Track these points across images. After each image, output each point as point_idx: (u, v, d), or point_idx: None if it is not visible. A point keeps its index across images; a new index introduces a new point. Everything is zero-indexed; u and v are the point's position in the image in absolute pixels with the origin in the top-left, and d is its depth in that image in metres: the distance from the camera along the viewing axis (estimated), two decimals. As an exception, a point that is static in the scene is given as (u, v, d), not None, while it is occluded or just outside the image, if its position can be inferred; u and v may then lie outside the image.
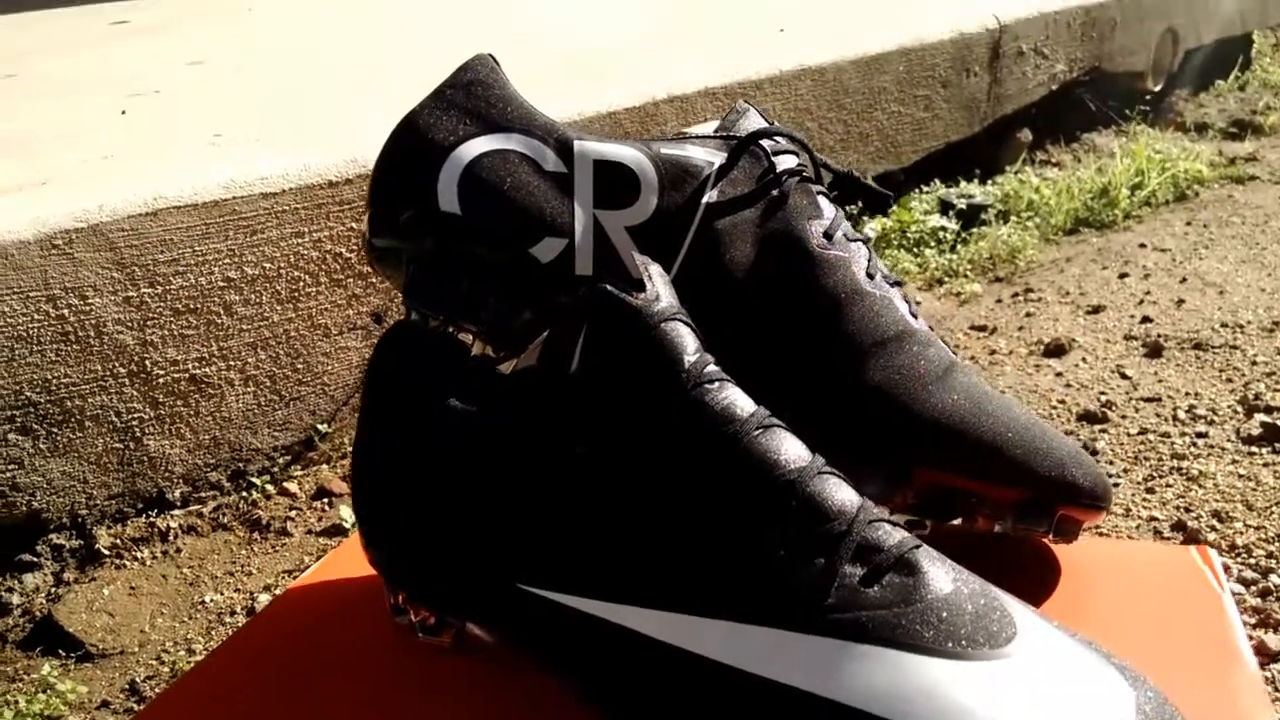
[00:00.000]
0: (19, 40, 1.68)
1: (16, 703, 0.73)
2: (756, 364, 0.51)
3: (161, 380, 0.89)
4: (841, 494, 0.40)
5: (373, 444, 0.50)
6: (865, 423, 0.50)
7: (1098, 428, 0.98)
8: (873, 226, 1.46)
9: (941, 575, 0.38)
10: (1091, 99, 1.88)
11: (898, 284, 0.54)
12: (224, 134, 1.06)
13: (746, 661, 0.37)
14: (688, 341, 0.43)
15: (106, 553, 0.87)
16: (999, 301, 1.29)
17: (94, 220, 0.84)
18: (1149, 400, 1.02)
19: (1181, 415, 0.99)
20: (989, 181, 1.65)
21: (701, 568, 0.39)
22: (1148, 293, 1.27)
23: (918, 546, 0.38)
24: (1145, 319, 1.20)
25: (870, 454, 0.50)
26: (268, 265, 0.93)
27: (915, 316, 0.53)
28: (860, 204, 1.46)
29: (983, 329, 1.21)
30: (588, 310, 0.44)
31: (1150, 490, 0.88)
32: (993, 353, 1.15)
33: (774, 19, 1.62)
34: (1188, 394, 1.02)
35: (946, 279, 1.36)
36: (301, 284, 0.95)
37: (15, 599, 0.83)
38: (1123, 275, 1.34)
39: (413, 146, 0.48)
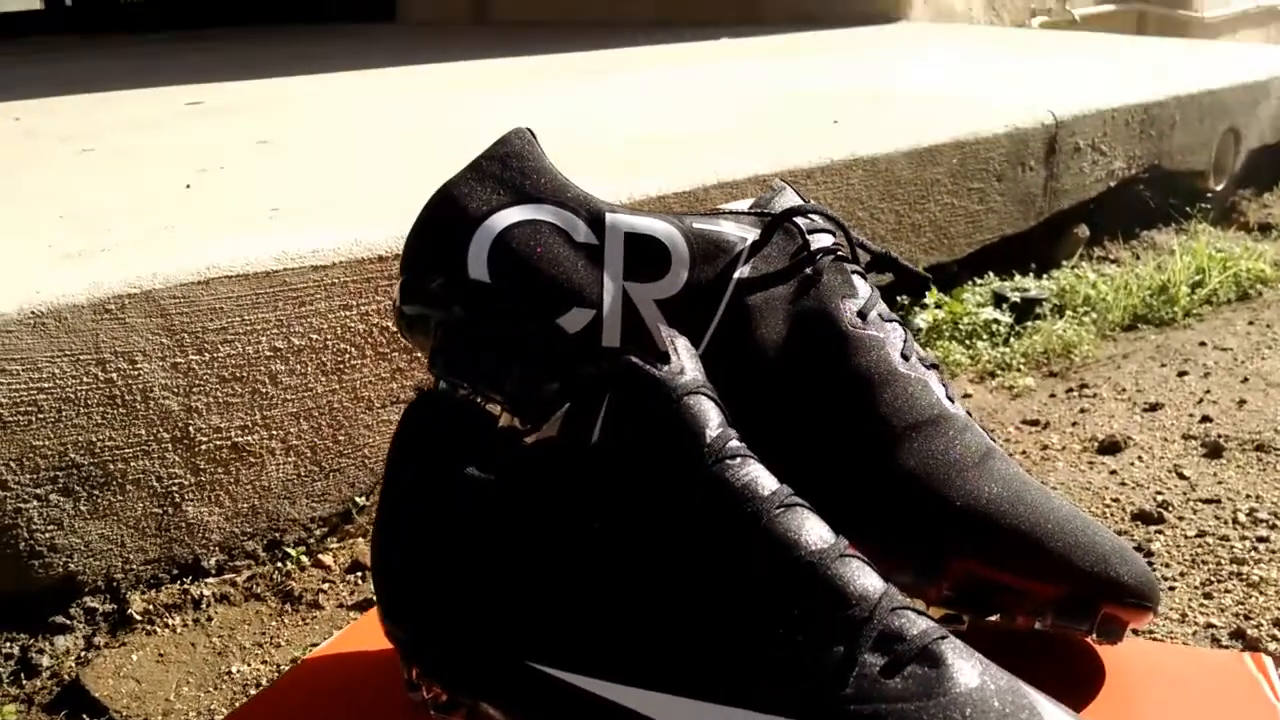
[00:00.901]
0: (100, 116, 1.74)
1: (36, 767, 0.72)
2: (786, 443, 0.50)
3: (204, 447, 0.90)
4: (864, 579, 0.38)
5: (392, 513, 0.49)
6: (897, 509, 0.48)
7: (1153, 528, 0.94)
8: (924, 318, 1.45)
9: (967, 669, 0.36)
10: (1151, 196, 1.86)
11: (934, 367, 0.52)
12: (281, 208, 1.08)
13: (760, 751, 0.35)
14: (711, 416, 0.42)
15: (138, 618, 0.87)
16: (1052, 396, 1.26)
17: (147, 286, 0.85)
18: (1208, 502, 0.98)
19: (1242, 518, 0.95)
20: (1044, 276, 1.63)
21: (715, 651, 0.38)
22: (1208, 392, 1.24)
23: (944, 638, 0.37)
24: (1205, 418, 1.16)
25: (902, 542, 0.48)
26: (314, 336, 0.94)
27: (952, 400, 0.51)
28: (900, 288, 1.45)
29: (1035, 423, 1.18)
30: (611, 381, 0.43)
31: (1208, 596, 0.85)
32: (1045, 448, 1.12)
33: (830, 112, 1.63)
34: (1248, 496, 0.98)
35: (999, 372, 1.34)
36: (347, 356, 0.96)
37: (45, 660, 0.83)
38: (1182, 373, 1.30)
39: (446, 215, 0.49)
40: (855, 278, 0.52)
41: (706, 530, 0.39)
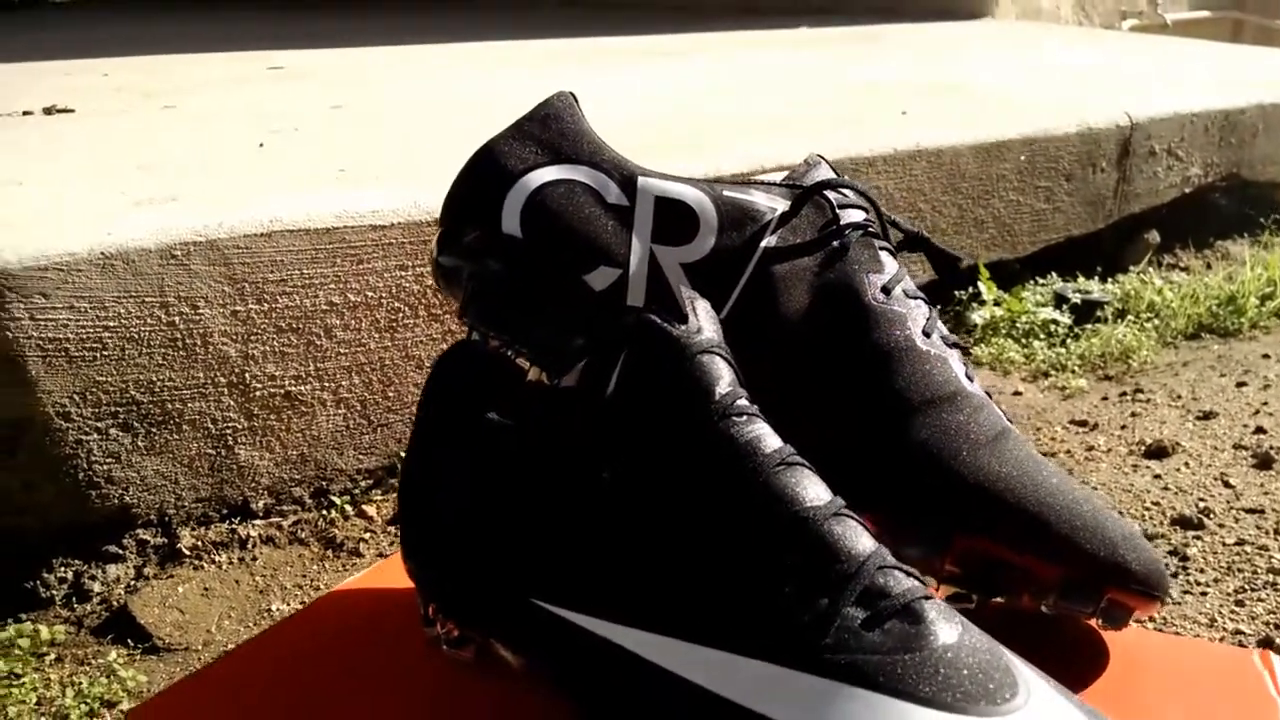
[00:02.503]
0: (185, 75, 1.80)
1: (80, 684, 0.76)
2: (804, 410, 0.50)
3: (258, 393, 0.93)
4: (855, 537, 0.39)
5: (416, 455, 0.51)
6: (908, 481, 0.49)
7: (1191, 533, 0.93)
8: (981, 314, 1.44)
9: (946, 627, 0.37)
10: (1228, 205, 1.82)
11: (956, 345, 0.53)
12: (347, 169, 1.11)
13: (737, 693, 0.37)
14: (722, 375, 0.43)
15: (187, 553, 0.91)
16: (1104, 399, 1.25)
17: (212, 236, 0.88)
18: (1251, 511, 0.97)
19: (1285, 530, 0.94)
20: (1110, 279, 1.60)
21: (706, 595, 0.39)
22: (1265, 404, 1.21)
23: (928, 597, 0.38)
24: (1259, 429, 1.14)
25: (911, 514, 0.49)
26: (370, 294, 0.97)
27: (971, 379, 0.52)
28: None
29: (1083, 424, 1.17)
30: (629, 336, 0.44)
31: (1240, 603, 0.84)
32: (1090, 449, 1.11)
33: (900, 103, 1.62)
34: (1295, 509, 0.97)
35: (1053, 372, 1.32)
36: (401, 315, 0.99)
37: (96, 587, 0.87)
38: (1241, 384, 1.28)
39: (486, 172, 0.50)
40: (883, 254, 0.52)
41: (708, 482, 0.40)
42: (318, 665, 0.51)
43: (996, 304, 1.47)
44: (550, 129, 0.51)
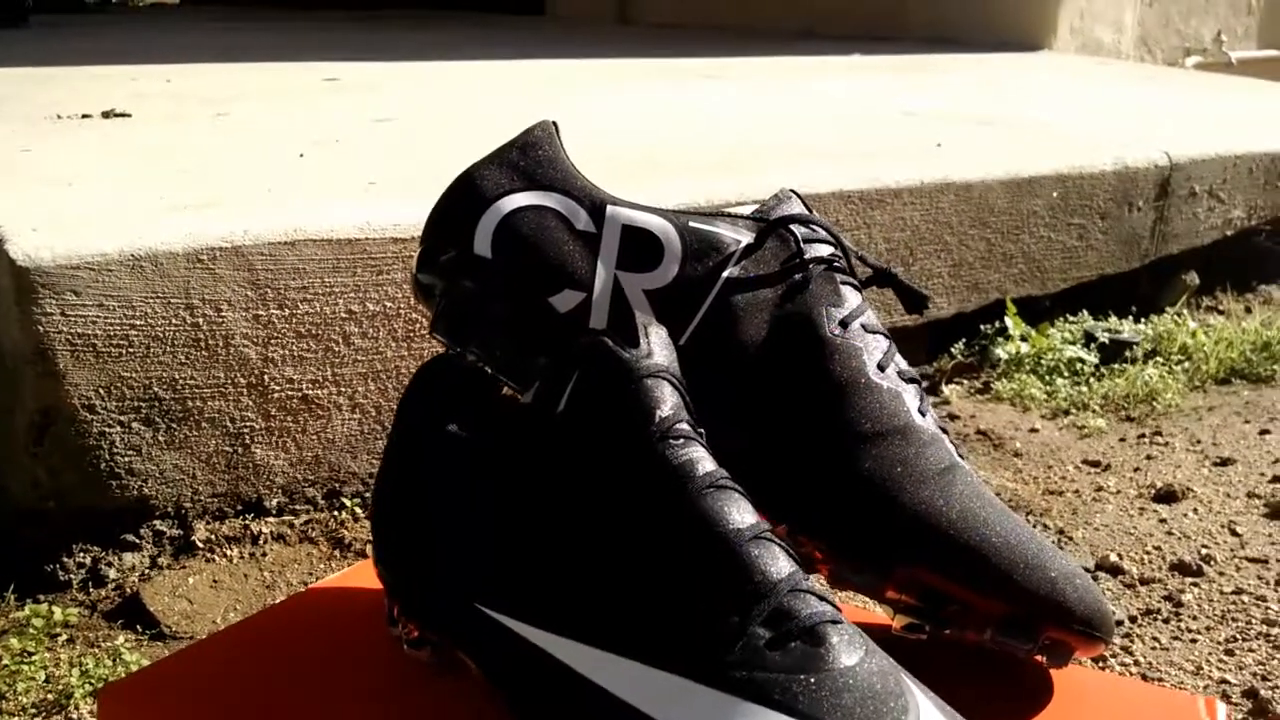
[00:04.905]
0: (241, 86, 1.86)
1: (86, 665, 0.80)
2: (758, 439, 0.52)
3: (276, 395, 0.96)
4: (773, 560, 0.41)
5: (387, 463, 0.54)
6: (852, 511, 0.51)
7: (1189, 579, 0.93)
8: (1006, 349, 1.44)
9: (848, 651, 0.38)
10: (1272, 248, 1.80)
11: (913, 381, 0.54)
12: (378, 182, 1.15)
13: (649, 704, 0.38)
14: (665, 399, 0.45)
15: (200, 545, 0.94)
16: (1122, 440, 1.24)
17: (238, 242, 0.92)
18: (1254, 561, 0.96)
19: (1287, 581, 0.93)
20: (1143, 320, 1.59)
21: (631, 609, 0.41)
22: (1286, 453, 1.20)
23: (835, 622, 0.39)
24: (1276, 479, 1.13)
25: (853, 542, 0.51)
26: (389, 304, 1.00)
27: (924, 414, 0.53)
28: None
29: (1096, 464, 1.17)
30: (582, 358, 0.47)
31: (1230, 652, 0.83)
32: (1099, 489, 1.11)
33: (936, 134, 1.63)
34: (1300, 560, 0.96)
35: (1073, 411, 1.32)
36: (418, 325, 1.02)
37: (112, 573, 0.91)
38: (1264, 431, 1.27)
39: (463, 195, 0.53)
40: (845, 288, 0.54)
41: (640, 500, 0.42)
42: (286, 656, 0.54)
43: (1024, 339, 1.47)
44: (529, 157, 0.54)
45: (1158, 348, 1.50)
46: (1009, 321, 1.46)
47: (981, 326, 1.46)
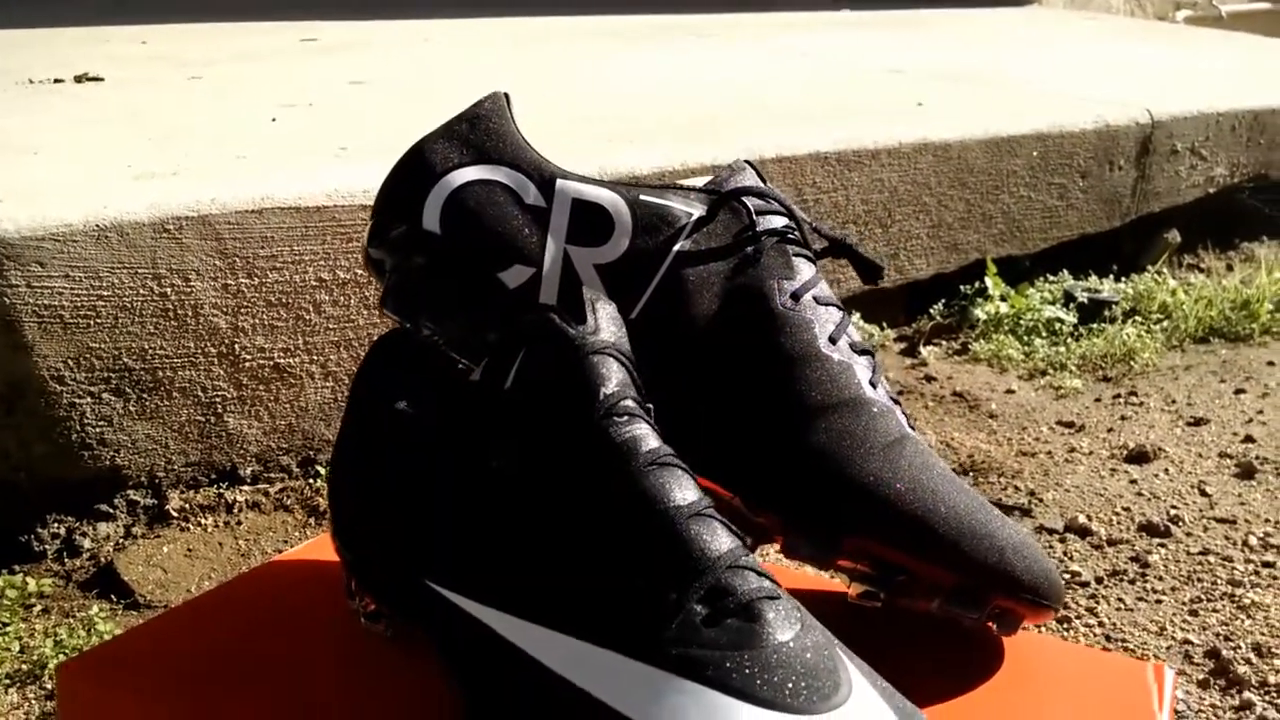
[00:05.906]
0: (218, 47, 1.84)
1: (59, 636, 0.80)
2: (709, 413, 0.52)
3: (247, 364, 0.96)
4: (713, 537, 0.41)
5: (342, 438, 0.54)
6: (801, 483, 0.51)
7: (1156, 540, 0.94)
8: (986, 309, 1.44)
9: (782, 626, 0.38)
10: (1255, 206, 1.79)
11: (866, 353, 0.54)
12: (349, 148, 1.14)
13: (585, 679, 0.39)
14: (611, 376, 0.45)
15: (174, 514, 0.95)
16: (1097, 400, 1.25)
17: (205, 211, 0.92)
18: (1222, 521, 0.97)
19: (1253, 541, 0.94)
20: (1124, 279, 1.59)
21: (572, 585, 0.41)
22: (1260, 412, 1.21)
23: (773, 598, 0.39)
24: (1248, 438, 1.14)
25: (803, 514, 0.51)
26: (359, 272, 1.00)
27: (875, 386, 0.53)
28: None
29: (1069, 425, 1.17)
30: (529, 333, 0.47)
31: (1194, 613, 0.84)
32: (1071, 450, 1.11)
33: (917, 94, 1.62)
34: (1267, 521, 0.97)
35: (1050, 371, 1.32)
36: (389, 293, 1.01)
37: (86, 543, 0.91)
38: (1239, 391, 1.27)
39: (412, 169, 0.53)
40: (798, 260, 0.54)
41: (583, 477, 0.42)
42: (246, 630, 0.54)
43: (1003, 300, 1.47)
44: (478, 129, 0.53)
45: (1137, 307, 1.51)
46: (989, 282, 1.46)
47: (961, 287, 1.46)
